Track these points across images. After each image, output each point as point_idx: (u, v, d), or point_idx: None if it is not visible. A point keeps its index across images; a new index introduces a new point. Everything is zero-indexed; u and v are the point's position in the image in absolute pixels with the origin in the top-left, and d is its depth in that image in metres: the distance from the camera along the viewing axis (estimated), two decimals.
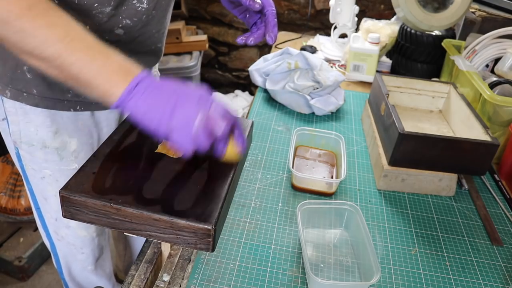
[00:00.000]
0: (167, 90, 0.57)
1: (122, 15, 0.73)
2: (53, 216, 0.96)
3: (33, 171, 0.88)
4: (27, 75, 0.76)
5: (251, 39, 0.76)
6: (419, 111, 1.13)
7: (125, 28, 0.75)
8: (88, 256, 1.04)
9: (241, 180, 0.90)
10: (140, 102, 0.56)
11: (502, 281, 0.73)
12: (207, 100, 0.58)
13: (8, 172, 1.70)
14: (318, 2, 2.20)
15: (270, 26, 0.75)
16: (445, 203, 0.89)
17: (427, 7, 1.19)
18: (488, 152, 0.84)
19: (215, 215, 0.56)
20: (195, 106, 0.56)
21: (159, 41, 0.87)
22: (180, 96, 0.57)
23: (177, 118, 0.56)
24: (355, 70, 1.37)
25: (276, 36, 0.75)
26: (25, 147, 0.84)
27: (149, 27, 0.79)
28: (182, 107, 0.56)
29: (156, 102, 0.56)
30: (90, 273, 1.09)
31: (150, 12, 0.76)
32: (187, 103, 0.57)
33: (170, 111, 0.56)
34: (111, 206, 0.56)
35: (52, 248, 1.04)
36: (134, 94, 0.56)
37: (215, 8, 2.35)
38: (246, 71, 2.49)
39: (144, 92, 0.56)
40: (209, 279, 0.68)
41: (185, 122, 0.56)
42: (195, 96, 0.57)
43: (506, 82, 1.04)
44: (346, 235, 0.79)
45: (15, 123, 0.81)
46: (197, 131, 0.55)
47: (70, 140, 0.85)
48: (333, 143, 0.98)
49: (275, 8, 0.77)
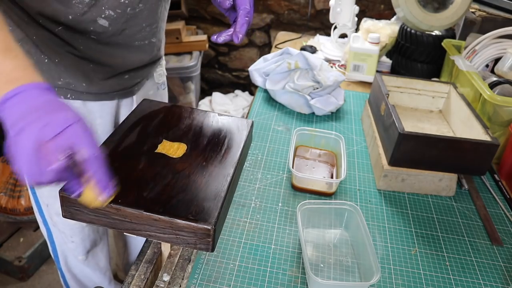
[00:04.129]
0: (26, 109, 0.51)
1: (105, 6, 0.74)
2: (45, 201, 0.96)
3: None
4: None
5: (221, 37, 0.74)
6: (419, 111, 1.13)
7: (109, 19, 0.76)
8: (78, 245, 1.05)
9: (241, 180, 0.90)
10: (7, 115, 0.51)
11: (502, 281, 0.73)
12: (54, 128, 0.49)
13: (8, 172, 1.70)
14: (318, 2, 2.20)
15: (238, 25, 0.73)
16: (445, 203, 0.89)
17: (427, 7, 1.19)
18: (488, 152, 0.84)
19: (215, 215, 0.56)
20: (36, 132, 0.49)
21: (153, 36, 0.87)
22: (28, 120, 0.50)
23: (16, 143, 0.49)
24: (355, 70, 1.37)
25: (243, 36, 0.73)
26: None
27: (137, 20, 0.80)
28: (23, 131, 0.49)
29: (12, 121, 0.51)
30: (82, 264, 1.10)
31: (135, 5, 0.77)
32: (30, 127, 0.49)
33: (15, 134, 0.50)
34: (111, 206, 0.56)
35: (49, 236, 1.05)
36: (7, 105, 0.51)
37: (215, 8, 2.35)
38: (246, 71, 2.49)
39: (13, 107, 0.51)
40: (209, 279, 0.68)
41: (20, 148, 0.49)
42: (43, 121, 0.50)
43: (506, 82, 1.04)
44: (346, 235, 0.79)
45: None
46: (29, 160, 0.48)
47: None
48: (333, 143, 0.98)
49: (251, 6, 0.74)
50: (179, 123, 0.75)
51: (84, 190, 0.53)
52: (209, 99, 2.40)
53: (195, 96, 2.33)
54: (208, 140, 0.72)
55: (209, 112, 0.79)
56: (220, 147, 0.70)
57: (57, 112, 0.51)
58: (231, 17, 0.78)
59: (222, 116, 0.79)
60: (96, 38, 0.79)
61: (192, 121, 0.76)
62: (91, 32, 0.77)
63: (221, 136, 0.73)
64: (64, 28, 0.76)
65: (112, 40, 0.80)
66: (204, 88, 2.64)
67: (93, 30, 0.77)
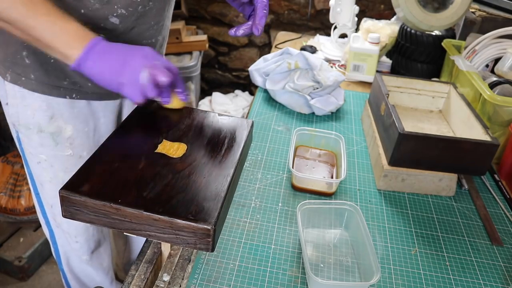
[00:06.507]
0: (116, 51, 0.66)
1: (117, 5, 0.75)
2: (49, 202, 0.97)
3: (31, 155, 0.91)
4: (25, 60, 0.79)
5: (240, 30, 0.77)
6: (419, 111, 1.13)
7: (120, 17, 0.77)
8: (82, 246, 1.05)
9: (241, 180, 0.90)
10: (94, 63, 0.65)
11: (502, 281, 0.73)
12: (152, 56, 0.67)
13: (8, 172, 1.70)
14: (318, 2, 2.20)
15: (257, 17, 0.76)
16: (445, 203, 0.89)
17: (427, 7, 1.19)
18: (488, 152, 0.84)
19: (215, 215, 0.56)
20: (141, 61, 0.66)
21: (159, 34, 0.87)
22: (128, 55, 0.66)
23: (126, 73, 0.65)
24: (355, 70, 1.37)
25: (262, 28, 0.76)
26: (23, 130, 0.87)
27: (146, 19, 0.80)
28: (129, 64, 0.65)
29: (107, 62, 0.65)
30: (86, 264, 1.10)
31: (146, 3, 0.78)
32: (134, 59, 0.66)
33: (120, 68, 0.65)
34: (111, 206, 0.56)
35: (51, 237, 1.05)
36: (89, 57, 0.64)
37: (215, 8, 2.35)
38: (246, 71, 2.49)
39: (97, 54, 0.65)
40: (209, 279, 0.68)
41: (133, 76, 0.65)
42: (141, 53, 0.67)
43: (506, 82, 1.04)
44: (346, 235, 0.79)
45: (14, 105, 0.84)
46: (144, 83, 0.66)
47: (65, 126, 0.87)
48: (333, 143, 0.98)
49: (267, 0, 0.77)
50: (179, 123, 0.75)
51: (172, 98, 0.73)
52: (209, 99, 2.40)
53: (195, 96, 2.33)
54: (208, 140, 0.72)
55: (209, 112, 0.79)
56: (220, 147, 0.70)
57: (136, 47, 0.68)
58: (246, 12, 0.81)
59: (222, 116, 0.79)
60: (105, 37, 0.79)
61: (192, 121, 0.76)
62: (101, 29, 0.77)
63: (221, 136, 0.73)
64: None
65: (120, 39, 0.80)
66: (204, 88, 2.64)
67: (103, 27, 0.77)
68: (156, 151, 0.67)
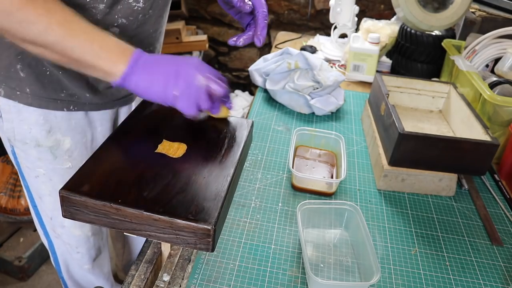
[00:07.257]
0: (164, 62, 0.63)
1: (118, 14, 0.73)
2: (49, 214, 0.96)
3: (28, 170, 0.89)
4: (20, 74, 0.76)
5: (241, 40, 0.77)
6: (419, 111, 1.13)
7: (121, 27, 0.75)
8: (84, 256, 1.04)
9: (241, 180, 0.90)
10: (140, 76, 0.61)
11: (502, 281, 0.73)
12: (203, 67, 0.64)
13: (8, 172, 1.70)
14: (318, 2, 2.20)
15: (259, 28, 0.76)
16: (445, 203, 0.89)
17: (427, 7, 1.19)
18: (488, 152, 0.84)
19: (215, 215, 0.56)
20: (194, 73, 0.63)
21: (157, 41, 0.87)
22: (179, 66, 0.63)
23: (180, 85, 0.62)
24: (355, 70, 1.37)
25: (264, 39, 0.76)
26: (19, 145, 0.84)
27: (145, 27, 0.79)
28: (183, 76, 0.62)
29: (156, 75, 0.62)
30: (87, 272, 1.09)
31: (146, 12, 0.76)
32: (187, 71, 0.63)
33: (173, 81, 0.62)
34: (111, 206, 0.56)
35: (50, 246, 1.04)
36: (134, 71, 0.61)
37: (215, 8, 2.35)
38: (246, 71, 2.49)
39: (143, 67, 0.61)
40: (209, 279, 0.68)
41: (188, 88, 0.62)
42: (193, 64, 0.64)
43: (506, 82, 1.04)
44: (346, 235, 0.79)
45: (9, 120, 0.82)
46: (199, 94, 0.63)
47: (63, 139, 0.85)
48: (333, 143, 0.98)
49: (267, 9, 0.77)
50: (179, 123, 0.75)
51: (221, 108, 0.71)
52: None
53: None
54: (208, 140, 0.72)
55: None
56: (220, 147, 0.70)
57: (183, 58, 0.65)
58: (244, 20, 0.80)
59: None
60: None
61: (192, 121, 0.76)
62: None
63: (221, 136, 0.73)
64: None
65: None
66: None
67: None
68: (156, 151, 0.67)
